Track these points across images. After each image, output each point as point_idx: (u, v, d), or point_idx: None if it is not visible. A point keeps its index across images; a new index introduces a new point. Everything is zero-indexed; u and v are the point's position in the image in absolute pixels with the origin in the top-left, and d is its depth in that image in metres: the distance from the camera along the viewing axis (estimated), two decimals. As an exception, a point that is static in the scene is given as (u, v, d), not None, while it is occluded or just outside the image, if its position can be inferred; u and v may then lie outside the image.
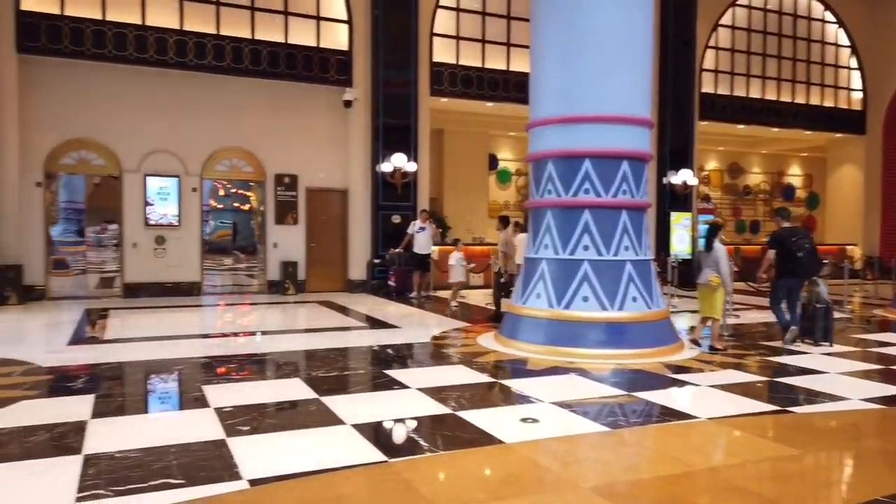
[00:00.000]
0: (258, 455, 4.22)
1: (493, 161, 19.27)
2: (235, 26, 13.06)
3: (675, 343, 7.74)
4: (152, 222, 12.90)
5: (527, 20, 11.44)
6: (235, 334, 9.16)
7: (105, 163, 12.65)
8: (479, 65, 15.18)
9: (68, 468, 3.92)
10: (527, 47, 11.42)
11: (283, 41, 13.45)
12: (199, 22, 12.77)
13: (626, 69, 7.67)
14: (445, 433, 4.75)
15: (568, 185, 7.58)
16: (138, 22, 12.28)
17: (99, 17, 12.01)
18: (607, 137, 7.56)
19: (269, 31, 13.35)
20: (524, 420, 5.04)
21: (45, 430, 4.66)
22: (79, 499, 3.49)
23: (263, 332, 9.37)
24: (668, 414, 5.33)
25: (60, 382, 6.13)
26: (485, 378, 6.45)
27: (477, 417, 5.08)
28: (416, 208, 14.02)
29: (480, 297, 13.18)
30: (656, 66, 15.46)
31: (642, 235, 7.82)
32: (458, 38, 15.00)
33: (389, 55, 13.90)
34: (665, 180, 16.89)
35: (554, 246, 7.67)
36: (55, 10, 11.75)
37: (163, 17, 12.49)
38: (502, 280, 10.60)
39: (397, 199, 14.06)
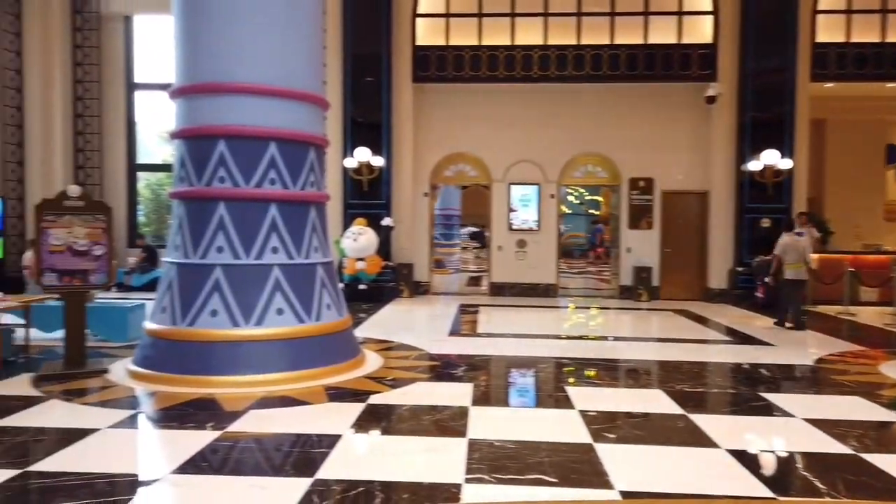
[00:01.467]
0: (627, 466, 4.10)
1: (891, 153, 16.05)
2: (595, 34, 13.28)
3: None
4: (515, 227, 13.89)
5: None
6: (591, 338, 9.24)
7: (477, 174, 14.07)
8: (877, 39, 12.75)
9: (456, 449, 4.34)
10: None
11: (642, 42, 13.20)
12: (561, 35, 13.32)
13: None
14: (847, 477, 3.99)
15: None
16: (508, 42, 13.35)
17: (475, 42, 13.39)
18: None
19: (628, 35, 13.24)
20: (963, 479, 3.95)
21: (436, 411, 5.26)
22: (467, 480, 3.82)
23: (617, 338, 9.27)
24: None
25: (445, 369, 6.91)
26: (895, 416, 5.30)
27: (891, 464, 4.16)
28: (791, 210, 12.39)
29: (875, 316, 11.04)
30: None
31: None
32: (847, 11, 12.85)
33: (761, 41, 12.59)
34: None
35: None
36: (441, 42, 13.48)
37: (529, 35, 13.36)
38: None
39: (767, 201, 12.64)
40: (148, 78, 15.10)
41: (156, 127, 16.50)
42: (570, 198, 25.04)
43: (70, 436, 4.55)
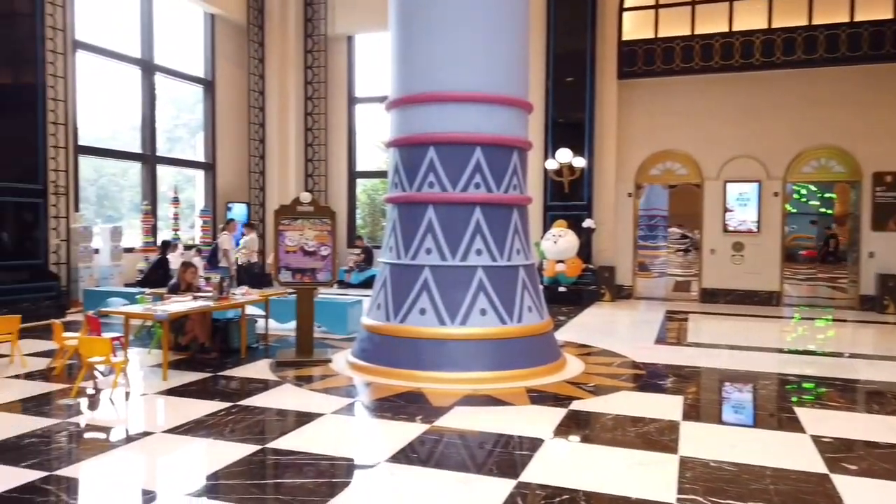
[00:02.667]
0: (874, 506, 3.55)
1: None
2: (830, 12, 11.79)
3: None
4: (731, 228, 12.81)
5: None
6: (822, 353, 8.19)
7: (687, 172, 13.20)
8: None
9: (667, 466, 4.08)
10: None
11: (892, 17, 11.44)
12: (789, 16, 12.03)
13: None
14: None
15: None
16: (725, 30, 12.37)
17: (687, 32, 12.59)
18: None
19: (872, 9, 11.56)
20: None
21: (642, 423, 5.01)
22: (679, 500, 3.57)
23: (856, 355, 8.10)
24: None
25: (650, 379, 6.56)
26: None
27: None
28: None
29: None
30: None
31: None
32: None
33: None
34: None
35: None
36: (649, 35, 12.88)
37: (749, 20, 12.25)
38: None
39: None
40: (366, 92, 16.39)
41: (371, 137, 17.85)
42: (797, 196, 22.52)
43: (300, 418, 5.07)
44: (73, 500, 3.65)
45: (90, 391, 5.79)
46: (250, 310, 7.84)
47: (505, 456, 4.31)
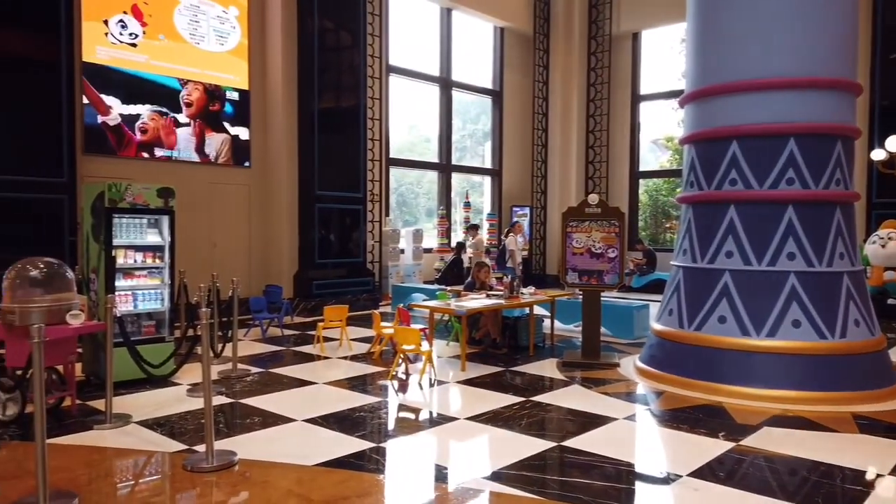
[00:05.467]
0: None
1: None
2: None
3: None
4: None
5: None
6: None
7: None
8: None
9: None
10: None
11: None
12: None
13: None
14: None
15: None
16: None
17: None
18: None
19: None
20: None
21: None
22: None
23: None
24: None
25: None
26: None
27: None
28: None
29: None
30: None
31: None
32: None
33: None
34: None
35: None
36: None
37: None
38: None
39: None
40: (650, 89, 15.82)
41: (651, 135, 17.16)
42: None
43: (592, 420, 5.04)
44: (389, 469, 4.11)
45: (402, 375, 6.49)
46: (537, 309, 8.06)
47: (825, 487, 3.75)
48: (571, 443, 4.50)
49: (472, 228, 13.49)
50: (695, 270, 6.25)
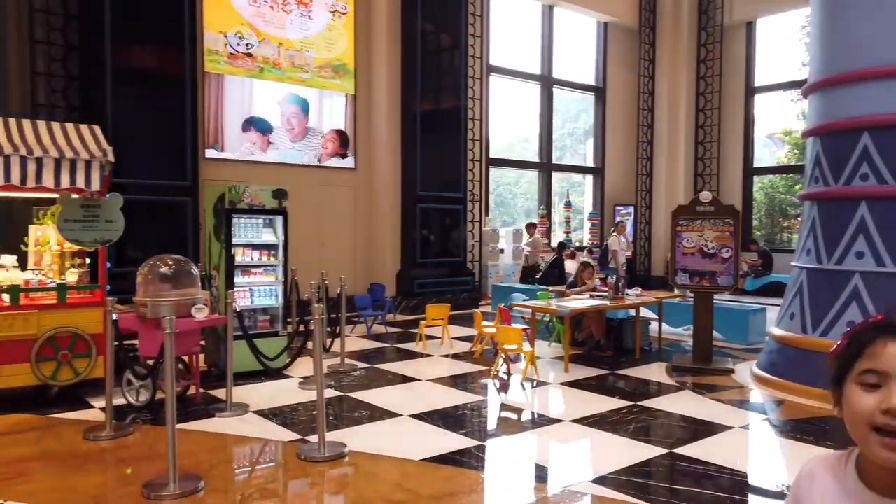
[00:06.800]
0: None
1: None
2: None
3: None
4: None
5: None
6: None
7: None
8: None
9: None
10: None
11: None
12: None
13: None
14: None
15: None
16: None
17: None
18: None
19: None
20: None
21: None
22: None
23: None
24: None
25: None
26: None
27: None
28: None
29: None
30: None
31: None
32: None
33: None
34: None
35: None
36: None
37: None
38: None
39: None
40: (765, 80, 14.93)
41: (767, 129, 16.19)
42: None
43: (705, 428, 4.81)
44: (494, 468, 4.10)
45: (503, 375, 6.47)
46: (643, 312, 7.80)
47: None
48: (682, 450, 4.31)
49: (530, 227, 13.22)
50: (820, 272, 5.82)
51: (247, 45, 9.95)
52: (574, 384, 6.15)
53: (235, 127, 9.89)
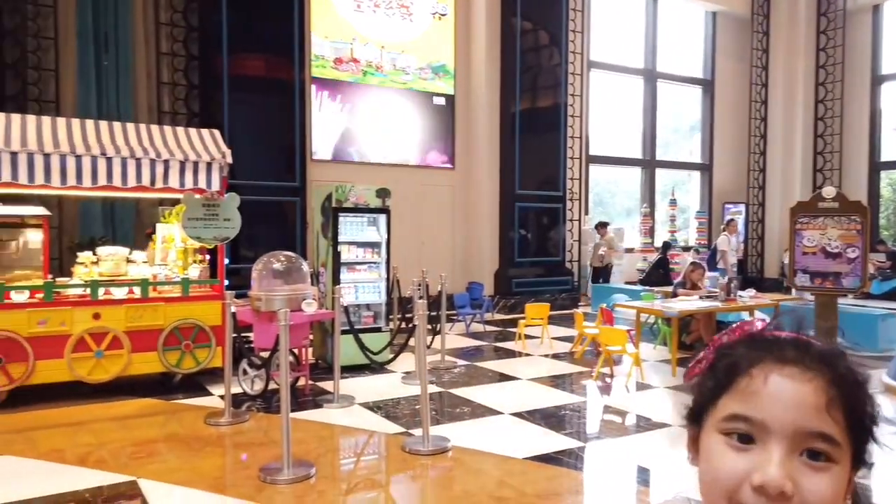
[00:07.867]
0: None
1: None
2: None
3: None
4: None
5: None
6: None
7: None
8: None
9: None
10: None
11: None
12: None
13: None
14: None
15: None
16: None
17: None
18: None
19: None
20: None
21: None
22: None
23: None
24: None
25: None
26: None
27: None
28: None
29: None
30: None
31: None
32: None
33: None
34: None
35: None
36: None
37: None
38: None
39: None
40: (894, 68, 13.74)
41: (895, 121, 14.91)
42: None
43: (829, 439, 4.48)
44: (598, 470, 3.99)
45: (607, 377, 6.31)
46: (758, 314, 7.36)
47: None
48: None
49: (601, 226, 12.64)
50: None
51: (350, 49, 10.26)
52: (682, 388, 5.89)
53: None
